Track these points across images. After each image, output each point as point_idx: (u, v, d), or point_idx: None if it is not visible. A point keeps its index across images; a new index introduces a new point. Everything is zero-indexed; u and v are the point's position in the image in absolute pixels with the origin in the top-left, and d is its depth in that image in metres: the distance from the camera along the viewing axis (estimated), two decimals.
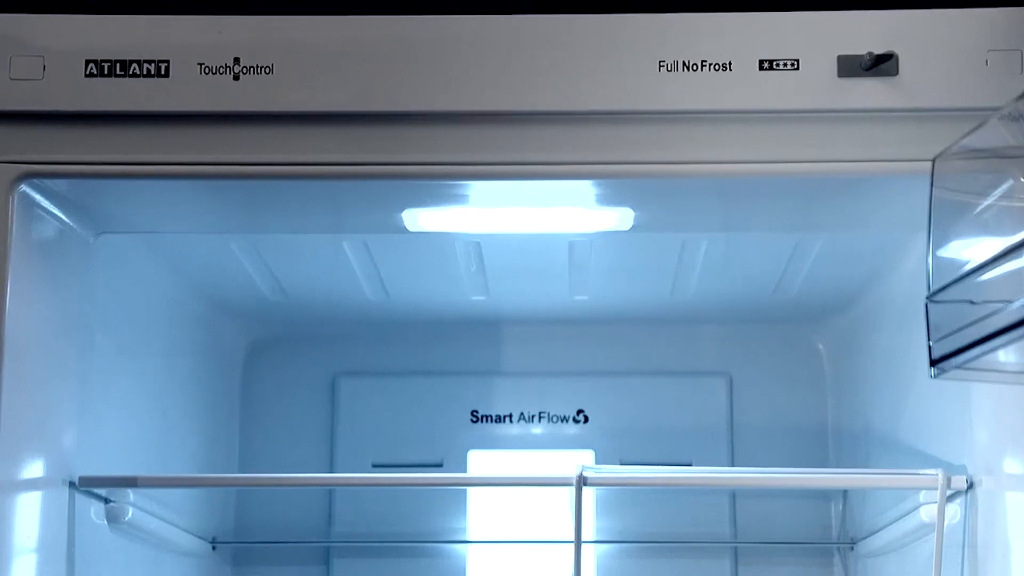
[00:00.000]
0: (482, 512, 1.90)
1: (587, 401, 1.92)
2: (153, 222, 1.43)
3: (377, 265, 1.69)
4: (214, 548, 1.84)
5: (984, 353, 1.06)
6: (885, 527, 1.62)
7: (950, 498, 1.37)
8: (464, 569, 1.88)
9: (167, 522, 1.62)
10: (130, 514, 1.48)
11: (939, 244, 1.14)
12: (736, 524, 1.88)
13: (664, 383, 1.92)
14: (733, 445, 1.90)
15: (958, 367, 1.09)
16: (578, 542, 1.42)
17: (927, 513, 1.43)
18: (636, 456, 1.85)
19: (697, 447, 1.87)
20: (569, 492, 1.44)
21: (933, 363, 1.10)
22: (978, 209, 1.13)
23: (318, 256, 1.67)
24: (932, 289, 1.12)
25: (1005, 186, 1.10)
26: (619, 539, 1.87)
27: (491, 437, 1.91)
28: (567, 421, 1.91)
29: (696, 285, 1.75)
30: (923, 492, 1.44)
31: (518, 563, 1.88)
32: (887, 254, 1.60)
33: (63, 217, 1.35)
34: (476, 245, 1.62)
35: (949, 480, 1.35)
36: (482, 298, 1.82)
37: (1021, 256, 1.01)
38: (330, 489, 1.89)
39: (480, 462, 1.90)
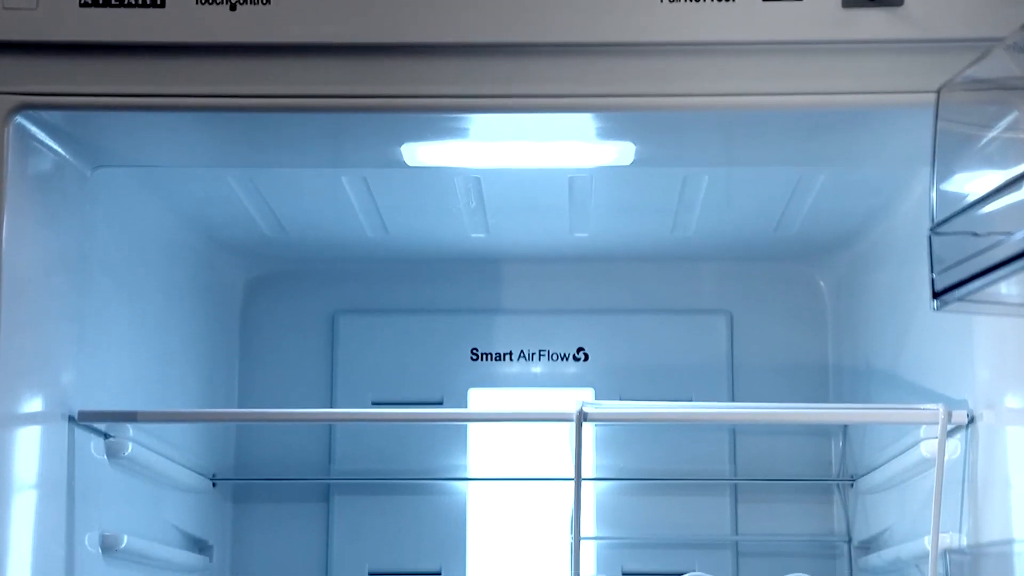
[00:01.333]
0: (482, 450, 1.90)
1: (587, 339, 1.91)
2: (150, 155, 1.42)
3: (376, 201, 1.68)
4: (214, 485, 1.84)
5: (986, 285, 1.05)
6: (885, 463, 1.62)
7: (950, 433, 1.37)
8: (464, 506, 1.89)
9: (167, 458, 1.62)
10: (130, 449, 1.48)
11: (943, 176, 1.13)
12: (736, 462, 1.88)
13: (664, 321, 1.91)
14: (733, 383, 1.89)
15: (960, 299, 1.08)
16: (578, 479, 1.42)
17: (927, 449, 1.43)
18: (636, 394, 1.85)
19: (697, 385, 1.87)
20: (569, 428, 1.44)
21: (935, 295, 1.09)
22: (982, 141, 1.11)
23: (317, 192, 1.66)
24: (935, 221, 1.11)
25: (1009, 118, 1.08)
26: (619, 476, 1.87)
27: (491, 375, 1.91)
28: (567, 359, 1.91)
29: (697, 222, 1.74)
30: (923, 427, 1.44)
31: (518, 501, 1.89)
32: (889, 191, 1.59)
33: (59, 150, 1.34)
34: (476, 181, 1.61)
35: (950, 415, 1.35)
36: (482, 235, 1.81)
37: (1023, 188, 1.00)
38: (330, 427, 1.89)
39: (480, 400, 1.90)
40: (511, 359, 1.91)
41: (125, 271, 1.54)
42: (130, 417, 1.43)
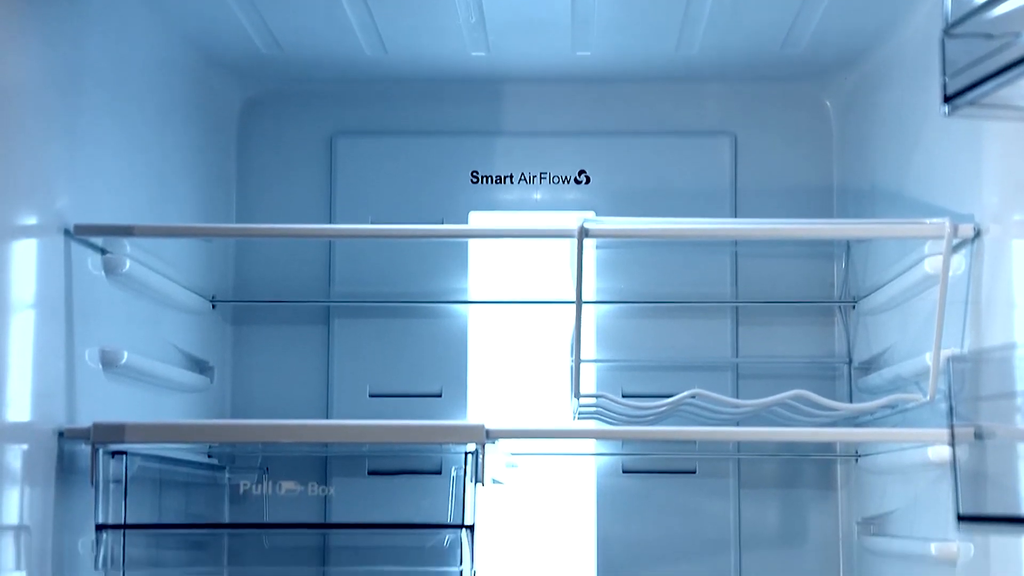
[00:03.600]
0: (483, 273, 1.89)
1: (589, 161, 1.89)
2: None
3: (374, 17, 1.64)
4: (214, 307, 1.84)
5: (997, 87, 1.02)
6: (888, 283, 1.61)
7: (956, 248, 1.36)
8: (465, 329, 1.89)
9: (165, 277, 1.62)
10: (127, 266, 1.47)
11: None
12: (737, 284, 1.87)
13: (667, 143, 1.89)
14: (736, 206, 1.88)
15: (971, 104, 1.06)
16: (579, 299, 1.41)
17: (931, 265, 1.42)
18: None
19: (700, 208, 1.85)
20: (570, 248, 1.43)
21: (946, 99, 1.07)
22: None
23: (313, 7, 1.62)
24: (948, 23, 1.08)
25: None
26: (620, 300, 1.87)
27: (492, 199, 1.89)
28: (568, 182, 1.89)
29: (702, 39, 1.71)
30: (928, 244, 1.43)
31: (519, 324, 1.89)
32: (898, 6, 1.55)
33: None
34: None
35: (956, 228, 1.34)
36: (482, 54, 1.77)
37: None
38: (329, 249, 1.88)
39: (481, 223, 1.88)
40: (511, 182, 1.89)
41: (118, 89, 1.51)
42: (126, 231, 1.41)
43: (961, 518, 1.23)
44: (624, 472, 1.86)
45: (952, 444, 1.30)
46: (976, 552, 1.32)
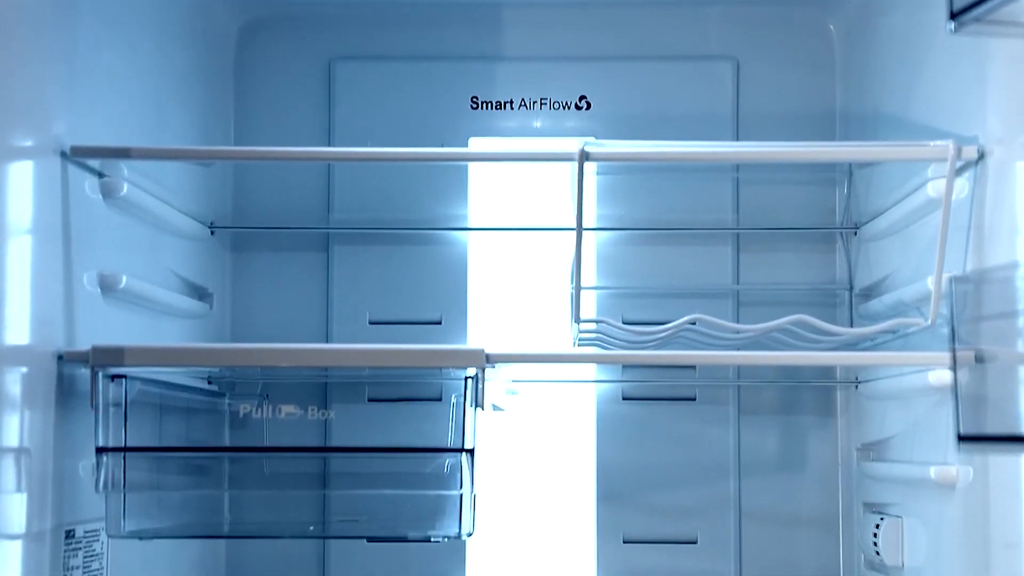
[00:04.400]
0: (483, 199, 1.88)
1: (589, 87, 1.87)
2: None
3: None
4: (212, 233, 1.83)
5: (1004, 2, 1.01)
6: (890, 208, 1.60)
7: (959, 171, 1.35)
8: (465, 256, 1.88)
9: (163, 202, 1.61)
10: (125, 189, 1.46)
11: None
12: (739, 211, 1.86)
13: (669, 68, 1.87)
14: (738, 131, 1.86)
15: (977, 20, 1.05)
16: (579, 225, 1.40)
17: (934, 188, 1.41)
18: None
19: (701, 134, 1.83)
20: (571, 173, 1.42)
21: (952, 16, 1.06)
22: None
23: None
24: None
25: None
26: (620, 226, 1.86)
27: (492, 125, 1.87)
28: (569, 108, 1.87)
29: None
30: (931, 168, 1.42)
31: (519, 251, 1.88)
32: None
33: None
34: None
35: (960, 151, 1.32)
36: None
37: None
38: (328, 175, 1.87)
39: (481, 148, 1.87)
40: (512, 108, 1.87)
41: (115, 12, 1.49)
42: (123, 153, 1.40)
43: (961, 438, 1.23)
44: (624, 399, 1.86)
45: (954, 368, 1.30)
46: (975, 476, 1.32)
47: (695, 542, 1.84)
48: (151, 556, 1.60)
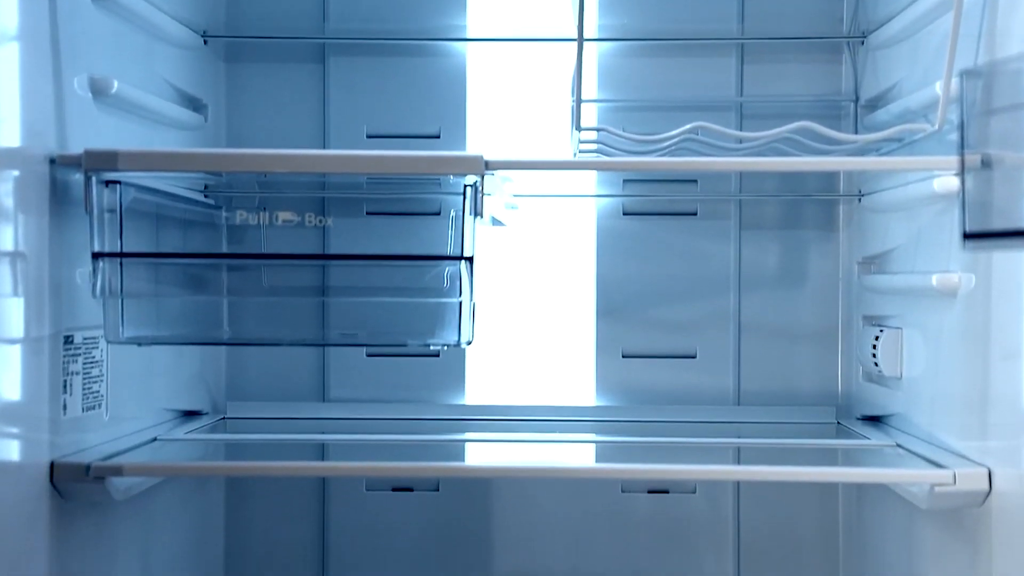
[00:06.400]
0: (482, 8, 1.84)
1: None
2: None
3: None
4: (205, 42, 1.79)
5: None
6: (900, 12, 1.56)
7: None
8: (464, 68, 1.84)
9: (154, 6, 1.57)
10: None
11: None
12: (744, 20, 1.82)
13: None
14: None
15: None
16: (580, 36, 1.37)
17: None
18: None
19: None
20: None
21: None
22: None
23: None
24: None
25: None
26: (622, 36, 1.82)
27: None
28: None
29: None
30: None
31: (519, 62, 1.84)
32: None
33: None
34: None
35: None
36: None
37: None
38: None
39: None
40: None
41: None
42: None
43: (967, 236, 1.22)
44: (624, 214, 1.85)
45: (961, 173, 1.28)
46: (977, 283, 1.31)
47: (694, 356, 1.84)
48: (152, 367, 1.60)
